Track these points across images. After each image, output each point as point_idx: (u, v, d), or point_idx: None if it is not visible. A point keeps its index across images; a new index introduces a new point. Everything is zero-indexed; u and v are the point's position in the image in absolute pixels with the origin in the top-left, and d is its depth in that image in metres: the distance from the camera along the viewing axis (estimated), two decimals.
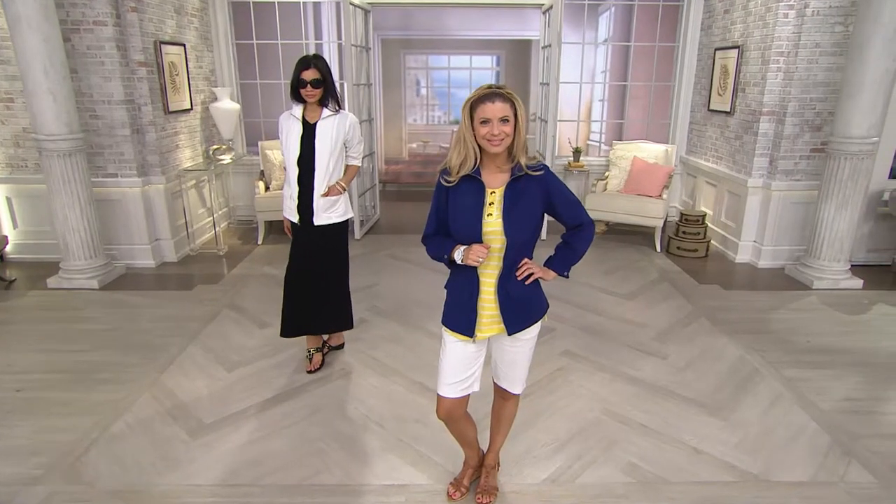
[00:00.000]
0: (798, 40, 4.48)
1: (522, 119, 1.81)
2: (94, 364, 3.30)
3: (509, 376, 2.11)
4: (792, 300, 4.31)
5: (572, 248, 1.99)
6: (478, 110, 1.77)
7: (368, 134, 6.33)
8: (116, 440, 2.62)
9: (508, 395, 2.17)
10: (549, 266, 1.99)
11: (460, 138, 1.84)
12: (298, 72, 2.89)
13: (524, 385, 2.16)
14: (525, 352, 2.05)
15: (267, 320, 3.94)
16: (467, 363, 2.01)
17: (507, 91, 1.79)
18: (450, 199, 1.89)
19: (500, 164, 1.87)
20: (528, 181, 1.86)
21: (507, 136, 1.79)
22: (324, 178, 3.03)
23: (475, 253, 1.82)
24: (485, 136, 1.78)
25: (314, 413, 2.88)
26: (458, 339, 1.98)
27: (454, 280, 1.98)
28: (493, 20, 8.27)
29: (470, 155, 1.82)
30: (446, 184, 1.88)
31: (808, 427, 2.75)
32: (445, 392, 2.04)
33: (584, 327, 3.86)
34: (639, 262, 5.22)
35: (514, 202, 1.85)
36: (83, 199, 4.35)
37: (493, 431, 2.30)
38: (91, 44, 4.42)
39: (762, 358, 3.42)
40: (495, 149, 1.80)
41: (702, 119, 5.90)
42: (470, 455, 2.33)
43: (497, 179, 1.87)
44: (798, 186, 4.81)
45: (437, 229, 1.98)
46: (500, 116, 1.76)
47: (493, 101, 1.76)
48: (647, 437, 2.69)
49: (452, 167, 1.86)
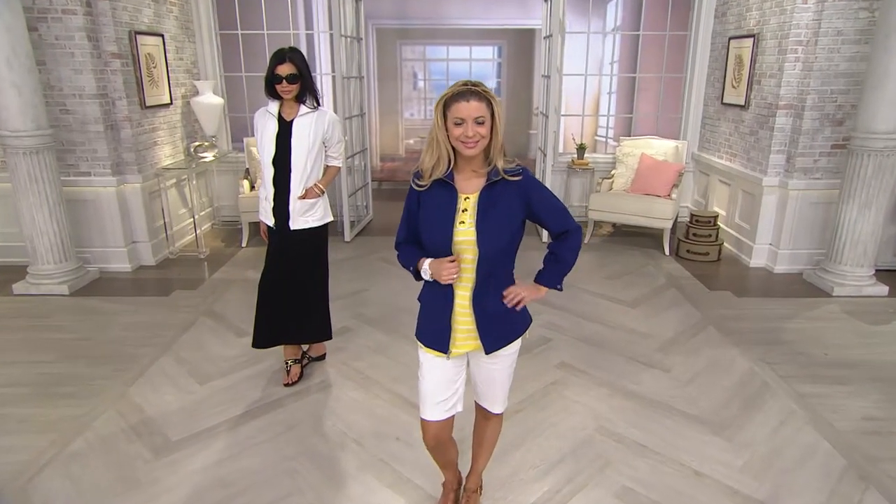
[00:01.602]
0: (818, 28, 4.40)
1: (500, 119, 1.76)
2: (58, 377, 3.27)
3: (488, 395, 2.06)
4: (809, 308, 4.24)
5: (561, 259, 1.93)
6: (451, 109, 1.72)
7: (361, 130, 6.30)
8: (74, 460, 2.59)
9: (489, 415, 2.13)
10: (540, 281, 1.94)
11: (433, 139, 1.79)
12: (273, 66, 2.86)
13: (505, 404, 2.11)
14: (505, 369, 2.00)
15: (246, 329, 3.89)
16: (448, 381, 1.97)
17: (483, 89, 1.74)
18: (421, 205, 1.85)
19: (475, 167, 1.82)
20: (505, 186, 1.81)
21: (483, 138, 1.74)
22: (300, 179, 2.99)
23: (447, 272, 1.78)
24: (458, 137, 1.73)
25: (289, 429, 2.84)
26: (434, 356, 1.94)
27: (427, 292, 1.94)
28: (494, 8, 8.22)
29: (443, 157, 1.77)
30: (418, 188, 1.84)
31: (821, 448, 2.68)
32: (430, 415, 1.98)
33: (582, 337, 3.80)
34: (645, 267, 5.16)
35: (488, 209, 1.80)
36: (52, 199, 4.33)
37: (475, 453, 2.26)
38: (60, 34, 4.40)
39: (774, 372, 3.35)
40: (469, 152, 1.75)
41: (715, 113, 5.83)
42: (450, 479, 2.28)
43: (472, 184, 1.83)
44: (817, 185, 4.73)
45: (408, 236, 1.93)
46: (476, 117, 1.70)
47: (469, 99, 1.70)
48: (643, 458, 2.63)
49: (425, 170, 1.81)
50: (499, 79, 10.62)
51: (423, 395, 2.00)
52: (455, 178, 1.81)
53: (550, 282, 1.94)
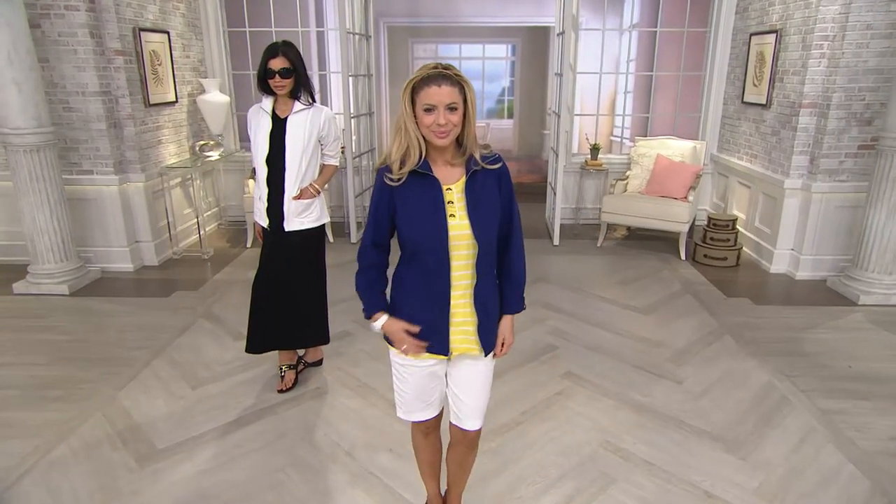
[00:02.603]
0: (846, 22, 4.19)
1: (473, 106, 1.64)
2: (47, 379, 3.21)
3: (469, 406, 1.88)
4: (833, 317, 4.03)
5: (515, 276, 1.83)
6: (420, 95, 1.58)
7: (369, 129, 6.21)
8: (55, 467, 2.52)
9: (468, 434, 1.94)
10: (508, 311, 1.86)
11: (400, 127, 1.65)
12: (265, 60, 2.77)
13: (483, 418, 1.93)
14: (489, 370, 1.88)
15: (244, 332, 3.77)
16: (432, 381, 1.87)
17: (454, 72, 1.60)
18: (398, 202, 1.69)
19: (448, 158, 1.70)
20: (485, 175, 1.70)
21: (455, 126, 1.61)
22: (295, 178, 2.90)
23: (408, 347, 1.73)
24: (429, 126, 1.60)
25: (279, 439, 2.74)
26: (416, 360, 1.81)
27: (418, 294, 1.76)
28: (508, 5, 8.09)
29: (414, 146, 1.64)
30: (391, 182, 1.68)
31: (844, 470, 2.50)
32: (418, 415, 1.93)
33: (590, 345, 3.65)
34: (660, 272, 4.98)
35: (477, 200, 1.68)
36: (53, 197, 4.30)
37: (454, 480, 2.13)
38: (63, 30, 4.37)
39: (794, 385, 3.17)
40: (440, 141, 1.62)
41: (735, 112, 5.63)
42: (432, 492, 2.18)
43: (450, 174, 1.70)
44: (843, 188, 4.52)
45: (376, 239, 1.76)
46: (448, 103, 1.57)
47: (440, 84, 1.57)
48: (651, 476, 2.48)
49: (393, 162, 1.67)
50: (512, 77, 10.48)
51: (406, 399, 1.91)
52: (431, 168, 1.68)
53: (517, 306, 1.86)
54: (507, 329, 1.87)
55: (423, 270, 1.72)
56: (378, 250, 1.79)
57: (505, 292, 1.84)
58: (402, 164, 1.66)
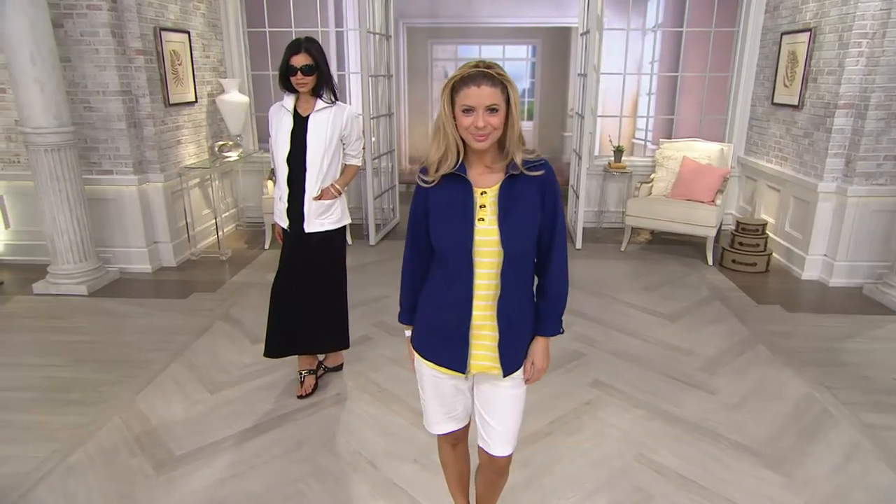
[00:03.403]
0: (887, 18, 4.03)
1: (516, 107, 1.53)
2: (65, 381, 3.17)
3: (494, 431, 1.75)
4: (872, 327, 3.87)
5: (553, 295, 1.69)
6: (460, 95, 1.49)
7: (389, 130, 6.13)
8: (73, 472, 2.46)
9: (497, 461, 1.81)
10: (543, 334, 1.71)
11: (439, 128, 1.56)
12: (287, 57, 2.70)
13: (515, 443, 1.80)
14: (516, 395, 1.74)
15: (262, 334, 3.70)
16: (456, 394, 1.77)
17: (497, 71, 1.49)
18: (430, 203, 1.61)
19: (488, 162, 1.59)
20: (526, 181, 1.58)
21: (495, 129, 1.51)
22: (316, 178, 2.83)
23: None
24: (467, 128, 1.50)
25: (299, 447, 2.66)
26: (437, 371, 1.72)
27: (437, 296, 1.67)
28: (528, 6, 7.98)
29: (451, 148, 1.54)
30: (424, 184, 1.61)
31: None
32: (441, 428, 1.83)
33: (618, 353, 3.53)
34: (686, 277, 4.84)
35: (510, 206, 1.57)
36: (73, 197, 4.28)
37: (480, 498, 2.02)
38: (84, 30, 4.35)
39: (834, 397, 3.03)
40: (479, 145, 1.52)
41: (764, 114, 5.47)
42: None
43: (487, 178, 1.59)
44: (881, 192, 4.36)
45: (413, 246, 1.71)
46: (488, 105, 1.47)
47: (479, 84, 1.47)
48: (687, 493, 2.36)
49: (431, 163, 1.58)
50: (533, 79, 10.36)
51: (430, 411, 1.82)
52: (467, 171, 1.59)
53: (553, 329, 1.72)
54: (538, 352, 1.72)
55: (447, 274, 1.63)
56: (416, 254, 1.72)
57: (540, 312, 1.70)
58: (439, 167, 1.58)
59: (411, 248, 1.73)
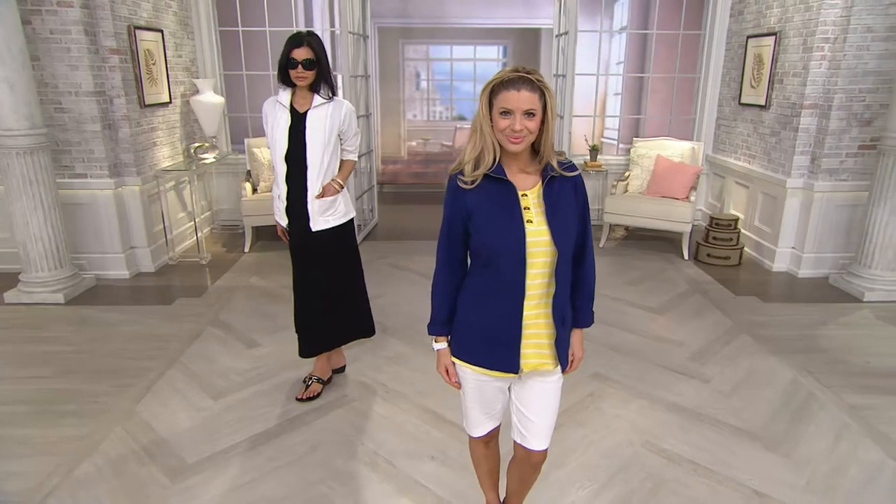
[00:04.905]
0: (847, 24, 4.30)
1: (552, 113, 1.58)
2: (57, 393, 3.05)
3: (536, 426, 1.80)
4: (841, 314, 4.12)
5: (586, 287, 1.80)
6: (499, 98, 1.54)
7: (366, 130, 6.11)
8: (82, 485, 2.38)
9: (533, 455, 1.84)
10: (581, 325, 1.82)
11: (476, 128, 1.61)
12: (288, 50, 2.64)
13: (550, 438, 1.85)
14: (559, 389, 1.81)
15: (256, 339, 3.71)
16: (497, 395, 1.82)
17: (536, 77, 1.54)
18: (472, 207, 1.62)
19: (522, 165, 1.64)
20: (562, 182, 1.64)
21: (531, 133, 1.56)
22: (318, 176, 2.79)
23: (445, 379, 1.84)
24: (504, 130, 1.55)
25: (314, 450, 2.65)
26: (483, 375, 1.76)
27: (484, 302, 1.69)
28: (498, 7, 8.09)
29: (488, 149, 1.58)
30: (464, 185, 1.62)
31: (887, 466, 2.53)
32: (482, 429, 1.89)
33: (612, 346, 3.65)
34: (665, 272, 5.02)
35: (555, 206, 1.62)
36: (47, 202, 4.11)
37: (511, 491, 2.07)
38: (55, 27, 4.18)
39: (818, 381, 3.21)
40: (514, 148, 1.57)
41: (731, 114, 5.73)
42: (492, 502, 2.12)
43: (524, 181, 1.64)
44: (844, 187, 4.63)
45: (450, 251, 1.71)
46: (526, 109, 1.52)
47: (519, 89, 1.51)
48: (698, 477, 2.47)
49: (466, 162, 1.62)
50: None
51: (472, 414, 1.87)
52: (505, 173, 1.63)
53: (589, 320, 1.83)
54: (577, 343, 1.82)
55: (496, 279, 1.64)
56: (452, 264, 1.73)
57: (577, 304, 1.78)
58: (475, 167, 1.62)
59: (447, 259, 1.72)
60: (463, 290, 1.75)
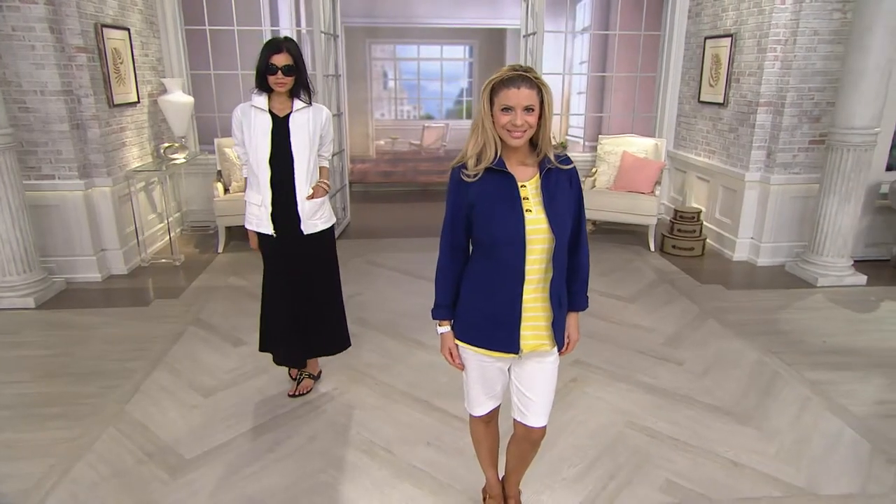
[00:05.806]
0: (796, 27, 4.59)
1: (550, 108, 1.71)
2: (40, 396, 3.01)
3: (535, 404, 1.92)
4: (798, 298, 4.40)
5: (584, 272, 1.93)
6: (499, 95, 1.66)
7: (338, 129, 6.14)
8: (80, 486, 2.37)
9: (533, 431, 1.96)
10: (577, 308, 1.96)
11: (478, 125, 1.73)
12: (267, 56, 2.62)
13: (548, 415, 1.98)
14: (555, 368, 1.94)
15: (241, 337, 3.72)
16: (498, 375, 1.94)
17: (534, 75, 1.67)
18: (475, 198, 1.74)
19: (521, 158, 1.77)
20: (558, 174, 1.77)
21: (531, 127, 1.68)
22: (306, 178, 2.79)
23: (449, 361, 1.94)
24: (505, 125, 1.67)
25: (311, 441, 2.70)
26: (485, 356, 1.87)
27: (486, 286, 1.81)
28: (464, 7, 8.22)
29: (490, 144, 1.71)
30: (467, 178, 1.74)
31: (845, 434, 2.76)
32: (483, 409, 2.00)
33: (589, 334, 3.80)
34: (632, 263, 5.24)
35: (552, 196, 1.75)
36: (14, 204, 4.01)
37: (513, 469, 2.18)
38: (17, 24, 4.08)
39: (781, 360, 3.45)
40: (515, 142, 1.70)
41: (691, 111, 6.00)
42: (492, 479, 2.23)
43: (523, 173, 1.77)
44: (797, 180, 4.94)
45: (454, 240, 1.83)
46: (525, 105, 1.65)
47: (518, 86, 1.64)
48: (679, 451, 2.64)
49: (469, 157, 1.74)
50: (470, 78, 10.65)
51: (473, 395, 1.98)
52: (505, 166, 1.75)
53: (584, 303, 1.97)
54: (573, 326, 1.95)
55: (497, 265, 1.76)
56: (455, 251, 1.84)
57: (573, 289, 1.91)
58: (478, 161, 1.73)
59: (450, 247, 1.84)
60: (465, 277, 1.86)
